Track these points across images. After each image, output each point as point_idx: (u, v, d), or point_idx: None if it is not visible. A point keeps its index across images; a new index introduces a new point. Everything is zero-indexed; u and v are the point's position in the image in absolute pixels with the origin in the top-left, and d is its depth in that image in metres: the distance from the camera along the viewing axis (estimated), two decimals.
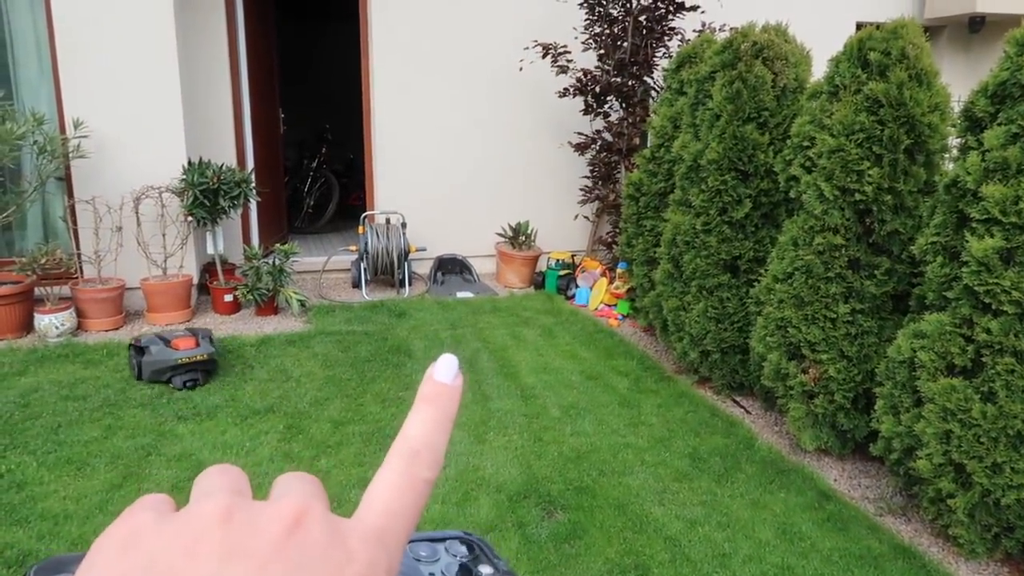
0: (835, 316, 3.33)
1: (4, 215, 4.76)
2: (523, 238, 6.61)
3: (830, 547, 2.88)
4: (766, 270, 3.74)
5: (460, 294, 6.22)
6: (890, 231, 3.23)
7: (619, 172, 6.30)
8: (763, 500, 3.20)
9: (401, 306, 5.75)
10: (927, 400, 2.79)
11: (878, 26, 3.31)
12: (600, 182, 6.37)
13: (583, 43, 6.15)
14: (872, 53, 3.24)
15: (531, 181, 6.97)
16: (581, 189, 6.51)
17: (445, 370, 0.40)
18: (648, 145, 5.08)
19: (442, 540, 0.47)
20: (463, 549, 0.47)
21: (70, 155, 4.92)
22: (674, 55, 5.00)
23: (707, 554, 2.81)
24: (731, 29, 4.24)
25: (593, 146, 6.32)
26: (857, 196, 3.22)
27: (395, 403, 3.99)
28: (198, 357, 4.11)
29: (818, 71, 3.86)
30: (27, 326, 4.82)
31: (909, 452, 2.95)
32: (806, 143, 3.48)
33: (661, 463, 3.49)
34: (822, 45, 4.56)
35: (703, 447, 3.67)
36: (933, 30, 8.08)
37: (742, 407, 4.20)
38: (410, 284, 6.28)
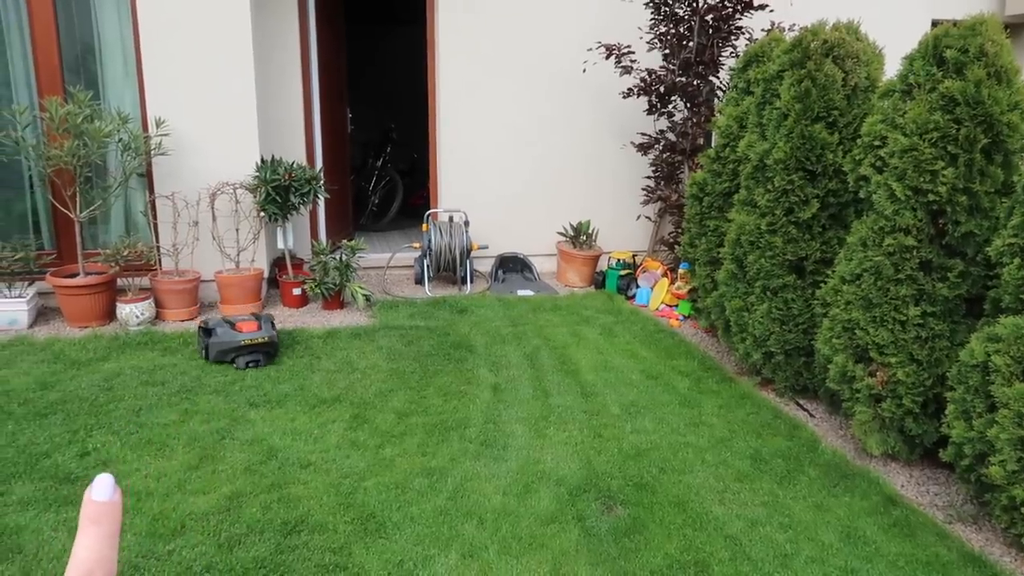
0: (905, 319, 3.26)
1: (91, 209, 5.02)
2: (584, 237, 6.63)
3: (896, 552, 2.83)
4: (833, 271, 3.69)
5: (521, 292, 6.28)
6: (964, 232, 3.15)
7: (682, 172, 6.27)
8: (826, 503, 3.16)
9: (463, 303, 5.84)
10: (1001, 405, 2.72)
11: (955, 23, 3.24)
12: (663, 182, 6.35)
13: (648, 43, 6.14)
14: (948, 51, 3.17)
15: (592, 181, 6.98)
16: (643, 189, 6.50)
17: (103, 489, 0.44)
18: (713, 145, 5.05)
19: None
20: None
21: (152, 152, 5.15)
22: (741, 54, 4.95)
23: (768, 554, 2.79)
24: (800, 28, 4.19)
25: (656, 146, 6.30)
26: (930, 196, 3.15)
27: (457, 396, 4.07)
28: (259, 340, 4.39)
29: (891, 70, 3.79)
30: (110, 314, 5.07)
31: (981, 458, 2.87)
32: (877, 142, 3.42)
33: (722, 463, 3.48)
34: (895, 43, 4.47)
35: (765, 449, 3.64)
36: (1014, 27, 7.79)
37: (806, 410, 4.14)
38: (472, 281, 6.37)
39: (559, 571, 2.64)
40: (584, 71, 6.58)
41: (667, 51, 6.06)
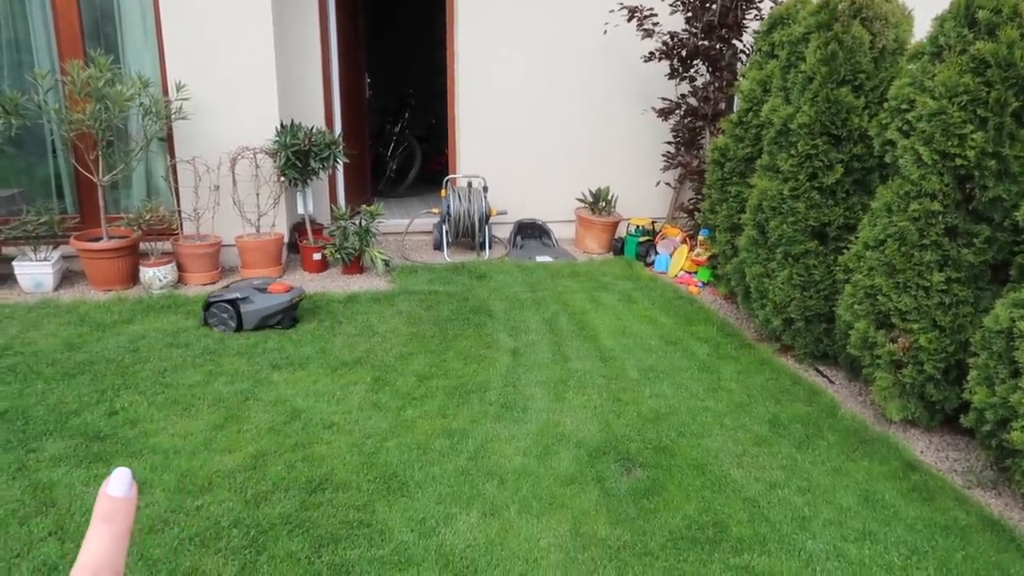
0: (928, 284, 3.24)
1: (113, 173, 5.05)
2: (603, 204, 6.60)
3: (914, 516, 2.85)
4: (856, 237, 3.66)
5: (539, 258, 6.28)
6: (992, 198, 3.11)
7: (703, 138, 6.21)
8: (845, 468, 3.18)
9: (481, 268, 5.85)
10: None
11: None
12: (683, 148, 6.29)
13: (670, 5, 6.04)
14: (981, 11, 3.10)
15: (612, 147, 6.93)
16: (664, 155, 6.44)
17: (119, 484, 0.42)
18: (735, 110, 4.98)
19: None
20: None
21: (172, 116, 5.16)
22: (765, 17, 4.87)
23: (786, 516, 2.81)
24: None
25: (677, 111, 6.23)
26: (958, 161, 3.11)
27: (477, 360, 4.10)
28: (296, 300, 4.49)
29: (920, 32, 3.71)
30: (133, 278, 5.13)
31: (1003, 424, 2.87)
32: (905, 106, 3.36)
33: (740, 427, 3.49)
34: (925, 4, 4.37)
35: (784, 414, 3.65)
36: None
37: (825, 376, 4.14)
38: (490, 247, 6.38)
39: (579, 530, 2.68)
40: (605, 33, 6.49)
41: (689, 14, 5.96)
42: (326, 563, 2.45)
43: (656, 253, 6.18)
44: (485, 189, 6.32)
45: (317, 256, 5.63)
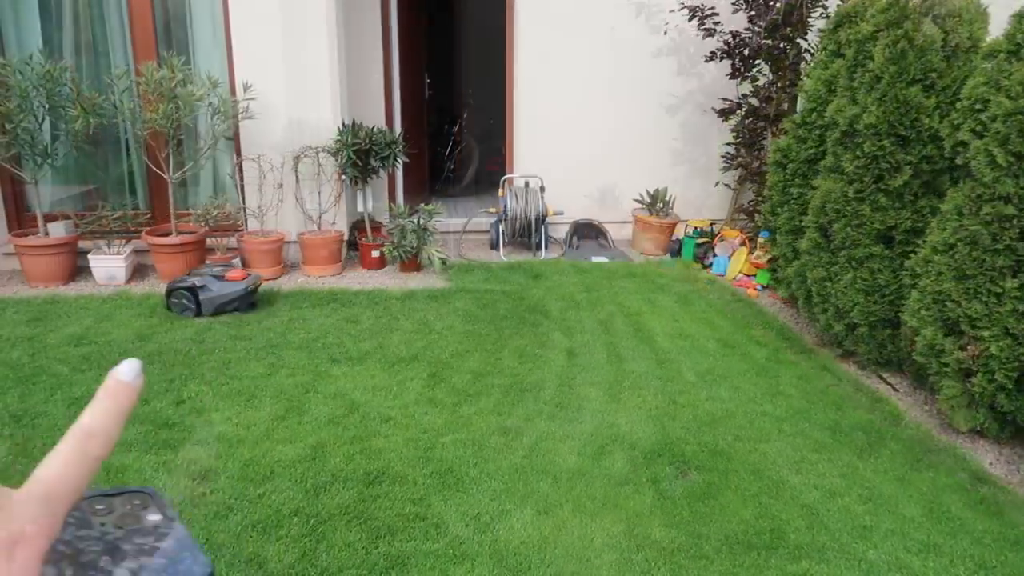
0: (1001, 291, 3.12)
1: (182, 171, 5.22)
2: (660, 205, 6.55)
3: (982, 529, 2.75)
4: (924, 241, 3.56)
5: (595, 259, 6.26)
6: None
7: (765, 138, 6.10)
8: (909, 477, 3.09)
9: (537, 268, 5.87)
10: None
11: None
12: (744, 149, 6.19)
13: (732, 3, 5.96)
14: None
15: (670, 147, 6.87)
16: (723, 156, 6.36)
17: (127, 371, 0.47)
18: (799, 110, 4.89)
19: (118, 494, 0.51)
20: (136, 500, 0.51)
21: (239, 116, 5.31)
22: (832, 14, 4.76)
23: (846, 525, 2.75)
24: None
25: (738, 111, 6.14)
26: None
27: (532, 359, 4.11)
28: (252, 287, 4.70)
29: (997, 29, 3.58)
30: None
31: None
32: (979, 106, 3.25)
33: (799, 433, 3.43)
34: (1002, 1, 4.22)
35: (845, 421, 3.57)
36: None
37: (888, 384, 4.03)
38: (546, 247, 6.39)
39: (633, 531, 2.67)
40: (665, 33, 6.44)
41: (752, 12, 5.87)
42: (383, 554, 2.50)
43: (714, 255, 6.10)
44: (542, 189, 6.34)
45: (376, 253, 5.72)
